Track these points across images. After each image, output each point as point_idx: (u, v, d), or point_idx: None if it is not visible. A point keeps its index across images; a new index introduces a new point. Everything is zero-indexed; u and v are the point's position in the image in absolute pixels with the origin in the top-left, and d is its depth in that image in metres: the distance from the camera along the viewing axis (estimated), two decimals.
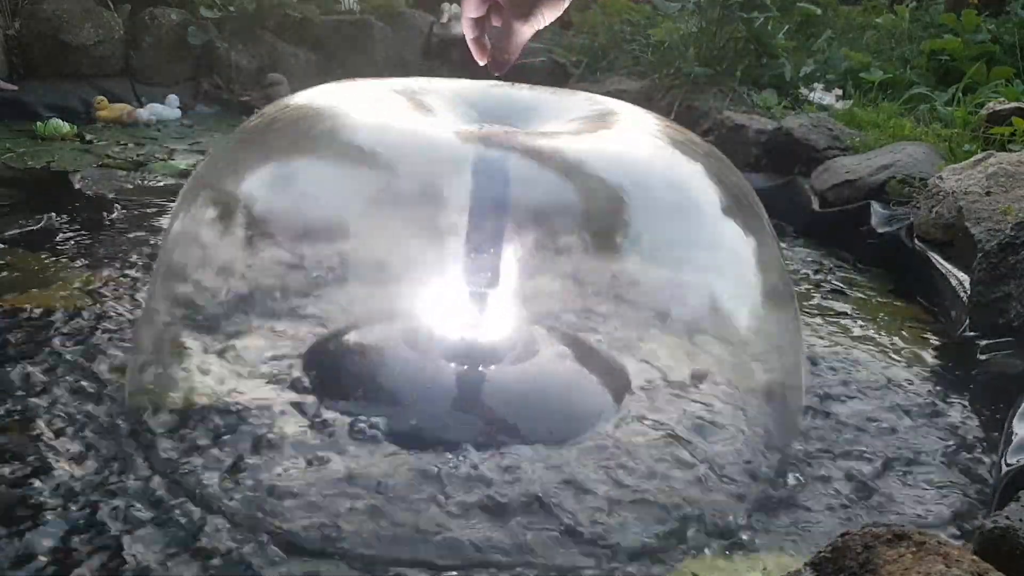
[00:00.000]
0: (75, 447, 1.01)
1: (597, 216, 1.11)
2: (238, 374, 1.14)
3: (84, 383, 1.16)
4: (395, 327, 1.20)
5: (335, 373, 1.17)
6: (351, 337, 1.24)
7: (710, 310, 1.19)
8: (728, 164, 1.19)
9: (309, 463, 0.98)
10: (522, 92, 1.23)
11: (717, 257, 1.15)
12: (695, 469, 1.03)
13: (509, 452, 1.01)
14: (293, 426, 1.04)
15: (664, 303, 1.22)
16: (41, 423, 1.06)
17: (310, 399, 1.09)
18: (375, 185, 1.11)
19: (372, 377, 1.16)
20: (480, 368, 1.13)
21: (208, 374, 1.13)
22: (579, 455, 1.03)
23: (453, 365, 1.12)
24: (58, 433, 1.04)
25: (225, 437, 1.02)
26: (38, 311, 1.41)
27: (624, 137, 1.12)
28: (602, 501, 0.96)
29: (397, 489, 0.94)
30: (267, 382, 1.13)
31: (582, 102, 1.23)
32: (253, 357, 1.17)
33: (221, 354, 1.17)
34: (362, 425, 1.03)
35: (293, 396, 1.10)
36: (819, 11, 3.61)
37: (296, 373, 1.14)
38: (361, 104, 1.14)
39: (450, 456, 0.99)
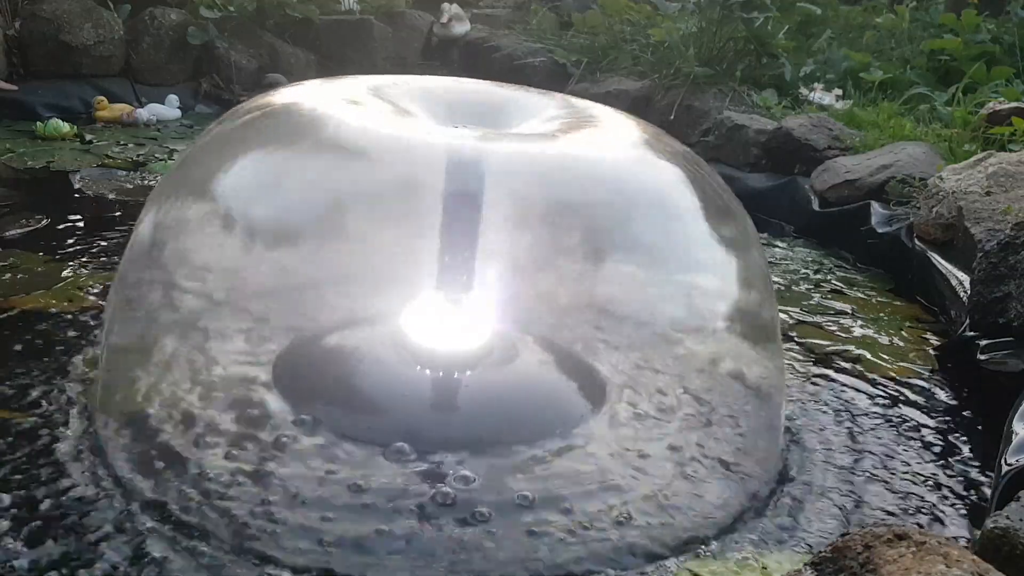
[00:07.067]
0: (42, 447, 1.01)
1: (571, 217, 1.10)
2: (206, 377, 1.11)
3: (81, 382, 1.16)
4: (367, 331, 1.18)
5: (306, 377, 1.14)
6: (321, 342, 1.21)
7: (684, 311, 1.18)
8: (706, 167, 1.18)
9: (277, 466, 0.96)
10: (498, 91, 1.21)
11: (690, 259, 1.14)
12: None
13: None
14: (262, 430, 1.01)
15: (639, 305, 1.21)
16: (31, 424, 1.06)
17: (281, 403, 1.06)
18: (348, 187, 1.08)
19: (343, 381, 1.13)
20: (455, 374, 1.11)
21: (175, 376, 1.10)
22: None
23: (428, 371, 1.10)
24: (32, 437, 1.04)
25: (189, 438, 1.00)
26: (38, 311, 1.41)
27: (599, 138, 1.11)
28: None
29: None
30: (236, 385, 1.10)
31: (558, 103, 1.21)
32: (221, 360, 1.14)
33: (188, 355, 1.13)
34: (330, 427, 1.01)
35: (263, 400, 1.07)
36: (819, 11, 3.60)
37: (266, 377, 1.10)
38: (335, 104, 1.09)
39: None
